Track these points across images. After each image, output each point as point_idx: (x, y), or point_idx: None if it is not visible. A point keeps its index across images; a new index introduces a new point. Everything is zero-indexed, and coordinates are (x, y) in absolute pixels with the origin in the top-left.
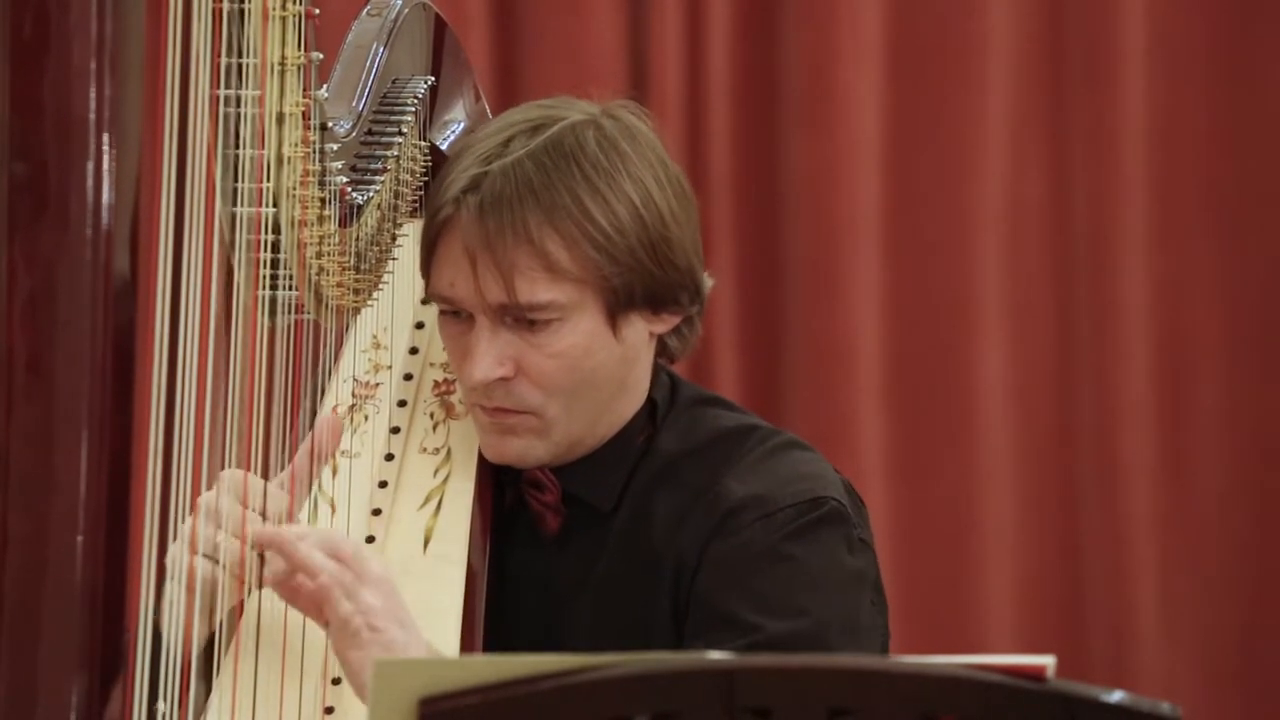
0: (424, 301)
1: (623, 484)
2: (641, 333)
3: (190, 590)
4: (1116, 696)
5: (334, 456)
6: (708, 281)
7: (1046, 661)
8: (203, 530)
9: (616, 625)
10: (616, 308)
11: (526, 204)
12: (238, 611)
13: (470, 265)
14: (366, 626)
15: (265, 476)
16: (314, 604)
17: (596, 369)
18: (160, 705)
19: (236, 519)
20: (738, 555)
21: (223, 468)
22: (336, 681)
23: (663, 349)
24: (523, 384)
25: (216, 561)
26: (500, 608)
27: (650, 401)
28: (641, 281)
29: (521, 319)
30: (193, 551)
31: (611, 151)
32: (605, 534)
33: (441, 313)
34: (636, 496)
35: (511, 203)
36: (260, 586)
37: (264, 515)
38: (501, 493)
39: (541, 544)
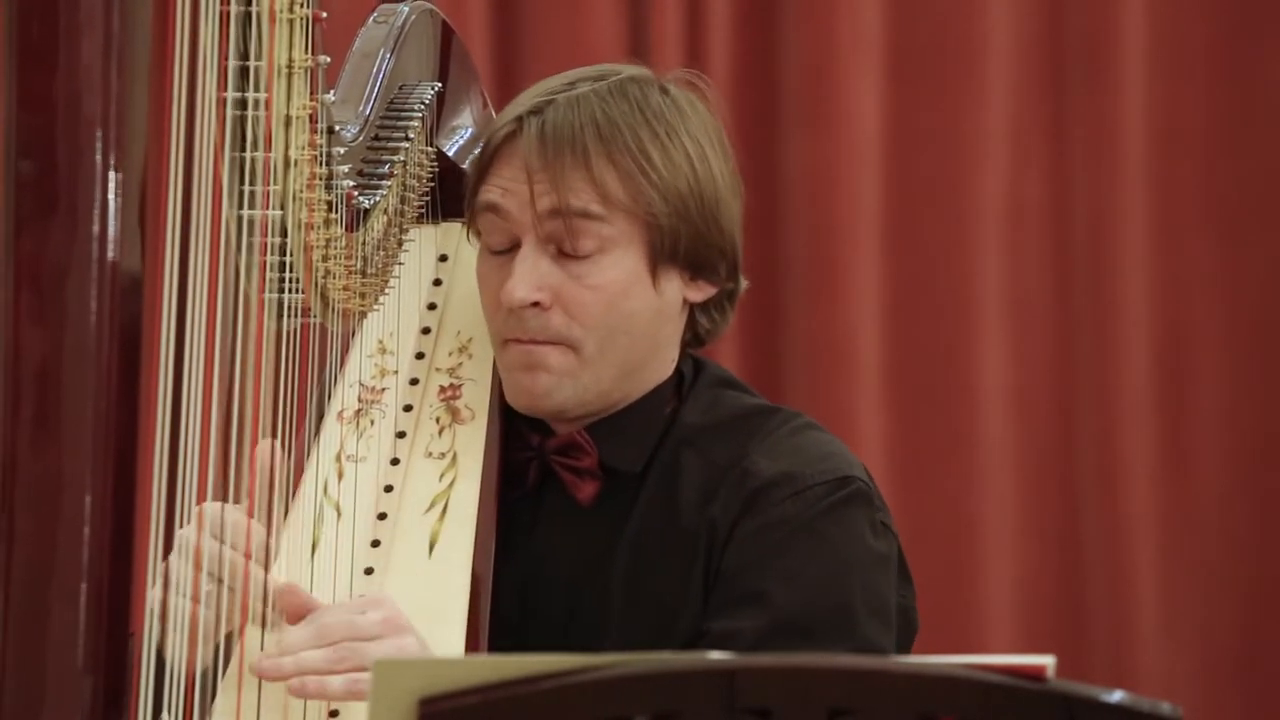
0: (443, 263)
1: (651, 449)
2: (678, 294)
3: (189, 627)
4: (1116, 696)
5: (276, 482)
6: (742, 281)
7: (1046, 661)
8: (183, 570)
9: (647, 593)
10: (659, 255)
11: (588, 133)
12: (238, 637)
13: (526, 181)
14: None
15: (269, 481)
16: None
17: (633, 314)
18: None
19: (217, 559)
20: (768, 533)
21: (226, 469)
22: None
23: (693, 330)
24: (558, 315)
25: (199, 601)
26: (528, 584)
27: (678, 374)
28: (687, 233)
29: (564, 252)
30: (195, 599)
31: (673, 108)
32: (633, 500)
33: (483, 250)
34: (663, 465)
35: (574, 129)
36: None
37: (247, 554)
38: (524, 473)
39: (570, 516)
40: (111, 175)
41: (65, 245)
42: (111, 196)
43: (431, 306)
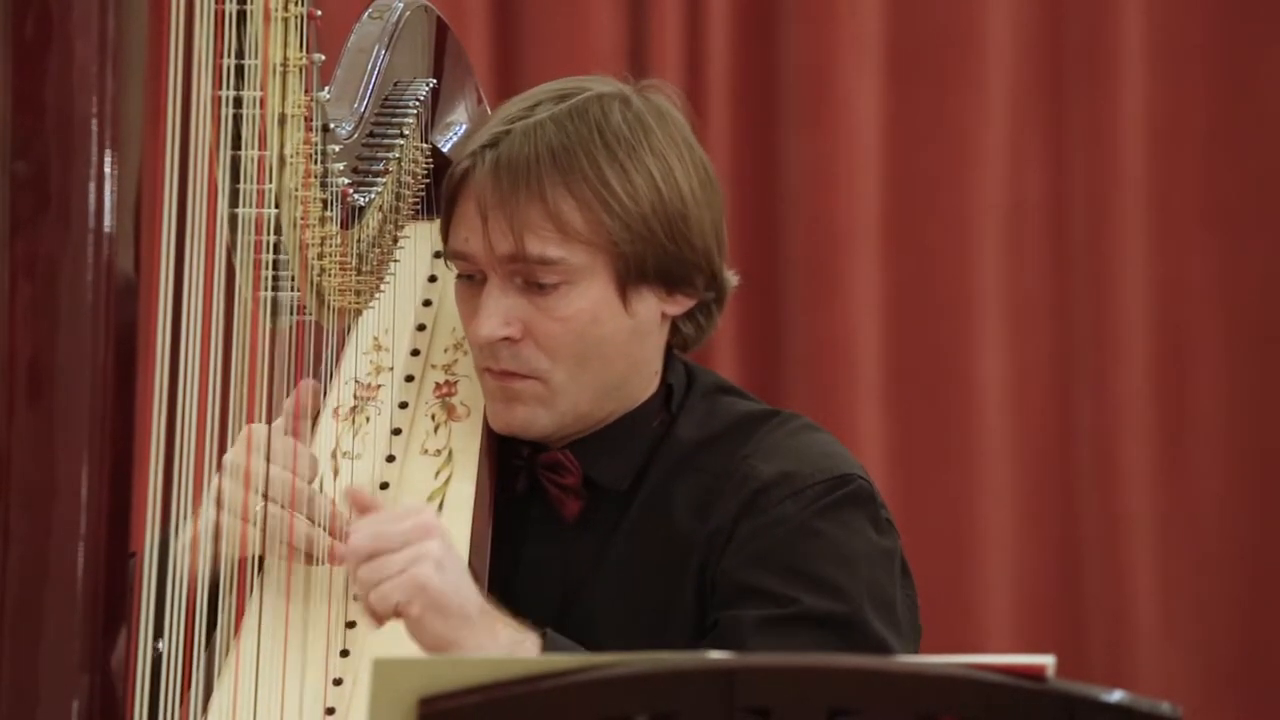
0: (438, 259)
1: (638, 466)
2: (654, 310)
3: (216, 541)
4: (1116, 696)
5: (315, 415)
6: (731, 279)
7: (1046, 661)
8: (231, 490)
9: (634, 610)
10: (628, 278)
11: (543, 164)
12: (278, 555)
13: (481, 221)
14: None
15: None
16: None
17: (605, 339)
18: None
19: (269, 480)
20: (768, 533)
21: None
22: (338, 682)
23: (676, 336)
24: (529, 347)
25: (246, 519)
26: (515, 595)
27: (666, 387)
28: (654, 254)
29: (531, 282)
30: (245, 518)
31: (636, 125)
32: (621, 518)
33: (458, 277)
34: (656, 483)
35: (528, 161)
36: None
37: (294, 473)
38: (513, 478)
39: (557, 529)
40: (107, 174)
41: (60, 245)
42: (107, 196)
43: (427, 303)
